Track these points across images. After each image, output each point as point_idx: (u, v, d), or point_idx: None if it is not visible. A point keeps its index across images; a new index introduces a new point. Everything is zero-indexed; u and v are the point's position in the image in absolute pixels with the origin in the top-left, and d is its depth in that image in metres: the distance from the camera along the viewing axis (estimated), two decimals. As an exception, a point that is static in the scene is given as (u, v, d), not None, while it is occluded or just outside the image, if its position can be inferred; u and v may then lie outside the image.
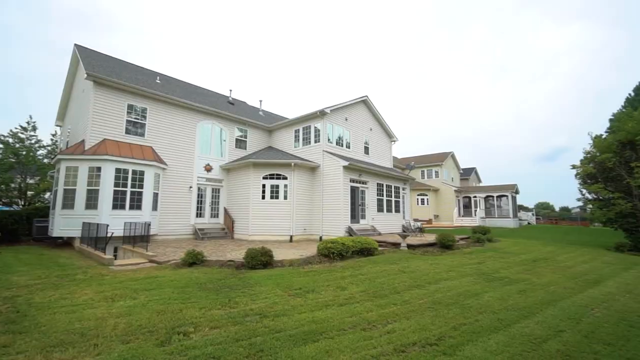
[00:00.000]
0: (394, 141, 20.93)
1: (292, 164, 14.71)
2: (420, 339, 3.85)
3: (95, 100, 12.44)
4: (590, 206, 18.64)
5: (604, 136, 18.20)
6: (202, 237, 14.12)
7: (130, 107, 13.43)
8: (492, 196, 32.56)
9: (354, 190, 15.18)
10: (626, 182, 15.06)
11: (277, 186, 14.85)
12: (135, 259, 9.41)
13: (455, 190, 32.95)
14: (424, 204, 32.81)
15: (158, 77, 16.71)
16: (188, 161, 15.09)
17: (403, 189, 19.06)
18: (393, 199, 17.90)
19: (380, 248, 11.00)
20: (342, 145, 16.71)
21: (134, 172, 12.26)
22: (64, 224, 11.28)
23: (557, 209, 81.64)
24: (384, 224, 16.60)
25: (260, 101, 22.71)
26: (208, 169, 15.81)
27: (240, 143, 17.41)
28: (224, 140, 16.72)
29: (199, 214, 15.34)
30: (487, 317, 4.71)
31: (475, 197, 32.75)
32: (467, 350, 3.57)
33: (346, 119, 17.12)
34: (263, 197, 14.73)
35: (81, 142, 12.45)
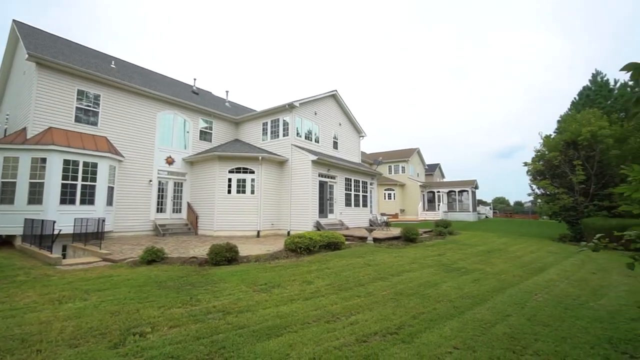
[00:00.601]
0: (363, 136, 21.34)
1: (260, 157, 14.51)
2: (381, 328, 4.02)
3: (39, 84, 11.35)
4: (539, 201, 20.39)
5: (552, 136, 19.91)
6: (163, 234, 13.54)
7: (80, 93, 12.42)
8: (454, 191, 34.41)
9: (322, 185, 15.32)
10: (569, 179, 16.63)
11: (244, 180, 14.59)
12: (87, 257, 8.82)
13: (420, 186, 34.39)
14: (390, 199, 33.90)
15: (113, 62, 15.57)
16: (148, 153, 14.31)
17: (371, 184, 19.56)
18: (361, 193, 18.31)
19: (347, 242, 11.24)
20: (311, 140, 16.74)
21: (86, 164, 11.41)
22: (3, 220, 10.26)
23: (512, 203, 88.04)
24: (352, 218, 16.96)
25: (227, 92, 22.05)
26: (170, 161, 15.12)
27: (205, 135, 16.81)
28: (188, 132, 16.05)
29: (160, 209, 14.67)
30: (444, 305, 5.02)
31: (438, 192, 34.43)
32: (424, 337, 3.80)
33: (315, 113, 17.14)
34: (229, 192, 14.40)
35: (22, 130, 11.33)
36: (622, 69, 2.13)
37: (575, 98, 27.20)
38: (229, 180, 14.50)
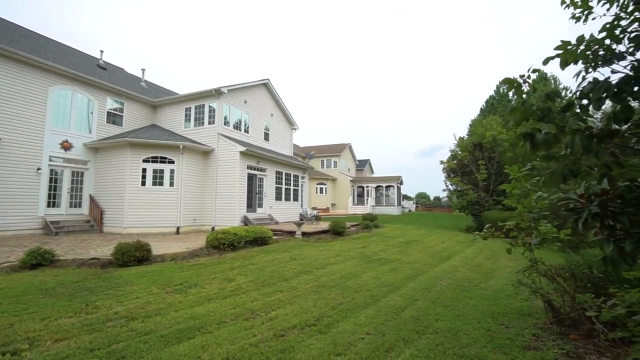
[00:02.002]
0: (295, 129, 21.45)
1: (181, 146, 13.49)
2: (300, 321, 4.15)
3: None
4: (453, 196, 23.27)
5: (465, 138, 22.79)
6: (56, 232, 11.67)
7: None
8: (382, 186, 37.02)
9: (251, 178, 14.99)
10: (475, 177, 19.32)
11: (162, 171, 13.42)
12: (-58, 264, 7.13)
13: (351, 180, 36.13)
14: (322, 193, 34.89)
15: (-15, 18, 12.70)
16: (36, 136, 12.10)
17: (302, 178, 19.83)
18: (292, 187, 18.44)
19: (275, 237, 11.24)
20: (240, 130, 16.18)
21: (-59, 145, 9.14)
22: None
23: (432, 198, 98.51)
24: (282, 212, 16.99)
25: (143, 70, 19.83)
26: (67, 146, 13.05)
27: (114, 117, 14.90)
28: (92, 113, 14.02)
29: (53, 203, 12.59)
30: (362, 295, 5.41)
31: (367, 186, 36.63)
32: (340, 326, 4.04)
33: (245, 102, 16.60)
34: (143, 184, 13.09)
35: None
36: (501, 83, 2.53)
37: (483, 105, 31.57)
38: (144, 170, 13.17)
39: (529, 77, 2.38)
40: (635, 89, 2.00)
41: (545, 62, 2.41)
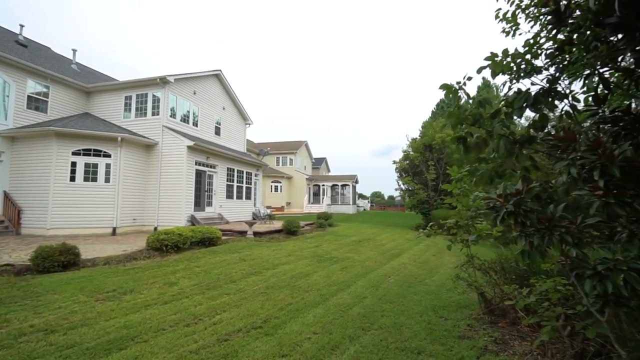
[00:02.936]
0: (249, 124, 20.98)
1: (119, 138, 12.48)
2: (246, 324, 4.10)
3: None
4: (405, 195, 24.51)
5: (417, 139, 24.09)
6: (-42, 235, 10.14)
7: None
8: (338, 185, 37.74)
9: (200, 175, 14.37)
10: (425, 177, 20.55)
11: (96, 165, 12.30)
12: None
13: (307, 179, 36.30)
14: (277, 191, 34.60)
15: None
16: None
17: (256, 175, 19.48)
18: (244, 185, 18.03)
19: (224, 237, 10.92)
20: (188, 123, 15.41)
21: None
22: None
23: (386, 197, 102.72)
24: (234, 211, 16.55)
25: (74, 51, 17.93)
26: (-27, 134, 11.38)
27: (37, 103, 13.30)
28: (7, 96, 12.37)
29: (-46, 201, 10.92)
30: (312, 294, 5.48)
31: (324, 185, 37.11)
32: (287, 327, 4.06)
33: (195, 93, 15.85)
34: (73, 179, 11.89)
35: None
36: (439, 88, 2.73)
37: (434, 108, 33.64)
38: (74, 164, 11.95)
39: (464, 84, 2.59)
40: (550, 100, 2.29)
41: (479, 71, 2.65)
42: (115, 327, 3.89)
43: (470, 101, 2.60)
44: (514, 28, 3.04)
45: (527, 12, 2.98)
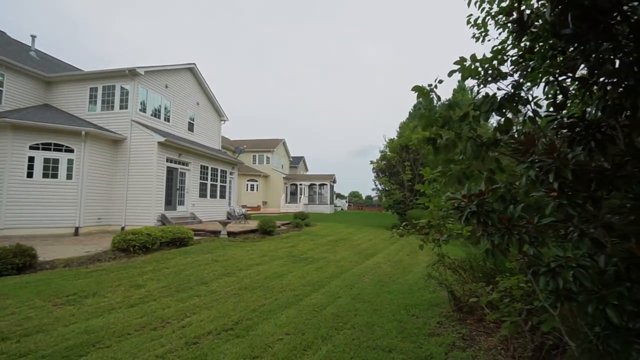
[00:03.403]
0: (225, 121, 20.60)
1: (83, 132, 11.88)
2: (217, 327, 4.03)
3: None
4: (382, 195, 24.95)
5: (394, 140, 24.56)
6: None
7: None
8: (315, 184, 37.82)
9: (171, 172, 13.96)
10: (401, 177, 21.01)
11: (57, 161, 11.65)
12: None
13: (284, 178, 36.11)
14: (253, 190, 34.19)
15: None
16: None
17: (231, 174, 19.16)
18: (219, 183, 17.69)
19: (197, 237, 10.68)
20: (159, 118, 14.91)
21: None
22: None
23: (364, 197, 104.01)
24: (207, 210, 16.20)
25: (34, 37, 16.85)
26: None
27: (-11, 92, 12.41)
28: (-45, 84, 11.47)
29: None
30: (286, 295, 5.48)
31: (301, 184, 37.08)
32: (259, 328, 4.04)
33: (167, 87, 15.36)
34: (30, 175, 11.19)
35: None
36: (411, 90, 2.80)
37: (411, 109, 34.39)
38: (31, 159, 11.25)
39: (436, 86, 2.69)
40: (514, 105, 2.42)
41: (450, 74, 2.75)
42: (75, 333, 3.72)
43: (440, 103, 2.71)
44: (483, 34, 3.18)
45: (496, 19, 3.13)
